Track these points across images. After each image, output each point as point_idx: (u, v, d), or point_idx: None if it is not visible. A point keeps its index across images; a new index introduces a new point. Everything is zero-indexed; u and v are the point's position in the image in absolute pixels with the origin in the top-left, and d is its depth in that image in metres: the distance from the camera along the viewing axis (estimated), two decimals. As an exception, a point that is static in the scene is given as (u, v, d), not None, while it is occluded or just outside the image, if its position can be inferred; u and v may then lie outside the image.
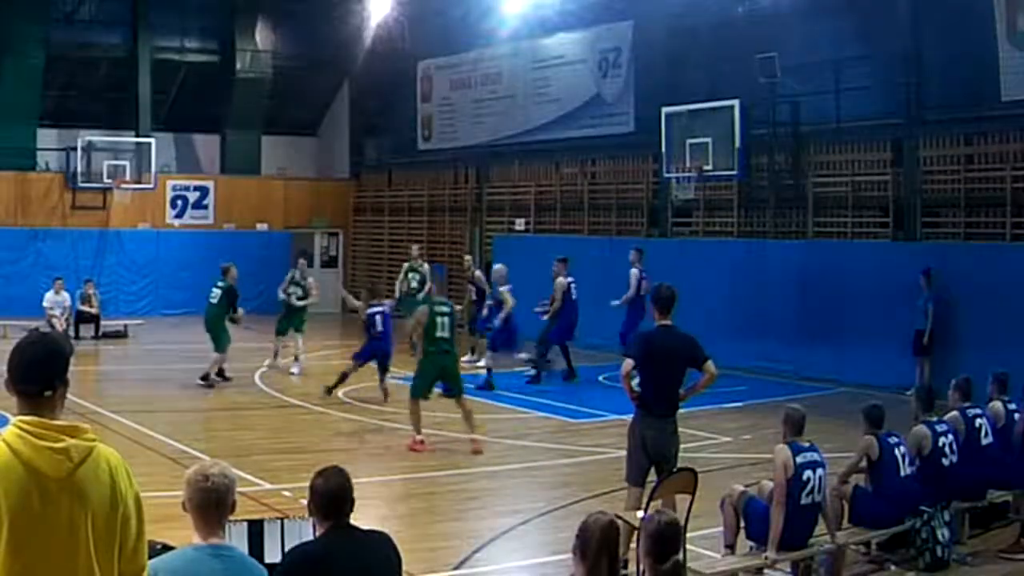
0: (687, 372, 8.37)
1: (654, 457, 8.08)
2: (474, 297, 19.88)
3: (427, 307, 12.89)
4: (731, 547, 7.74)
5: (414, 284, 20.25)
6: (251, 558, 4.23)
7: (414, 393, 12.59)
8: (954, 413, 9.01)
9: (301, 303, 18.38)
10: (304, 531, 5.82)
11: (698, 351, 8.18)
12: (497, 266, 18.79)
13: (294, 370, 18.27)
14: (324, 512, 4.57)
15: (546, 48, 24.40)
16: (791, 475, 7.17)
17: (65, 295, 23.04)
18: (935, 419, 8.73)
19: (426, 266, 20.87)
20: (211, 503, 3.90)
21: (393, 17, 26.76)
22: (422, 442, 12.41)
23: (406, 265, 20.97)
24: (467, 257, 22.28)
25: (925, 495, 8.20)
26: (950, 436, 8.66)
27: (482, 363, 17.75)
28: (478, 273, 20.19)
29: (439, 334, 12.52)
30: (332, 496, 4.56)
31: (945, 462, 8.54)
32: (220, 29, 29.42)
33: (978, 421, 9.03)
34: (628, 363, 8.19)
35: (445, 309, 12.71)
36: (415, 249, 21.52)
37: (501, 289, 17.72)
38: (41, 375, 3.18)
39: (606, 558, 4.32)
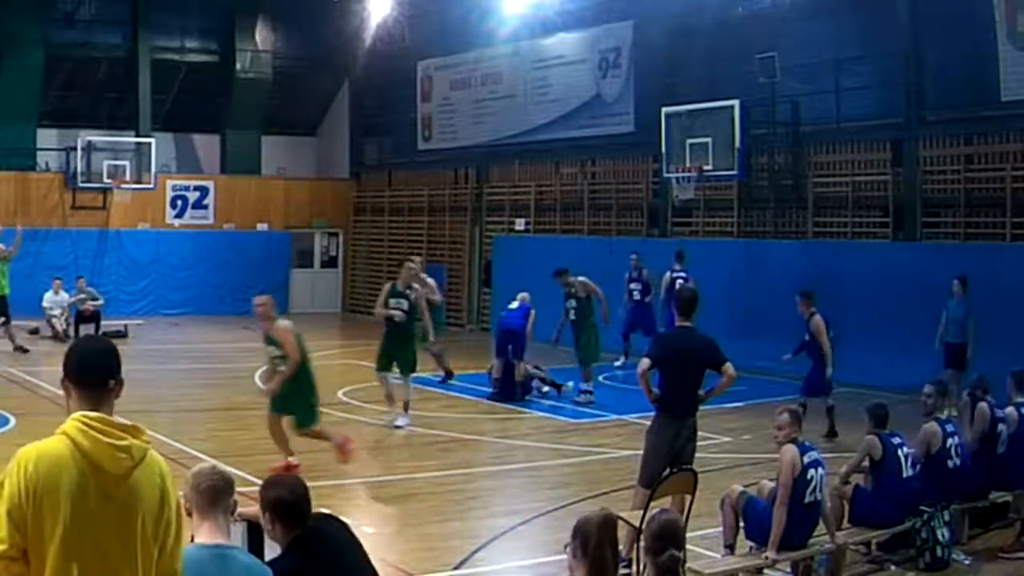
0: (706, 374, 8.33)
1: (671, 458, 8.01)
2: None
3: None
4: (731, 547, 7.73)
5: None
6: (253, 557, 4.23)
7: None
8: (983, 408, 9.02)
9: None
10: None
11: (717, 353, 8.13)
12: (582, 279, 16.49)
13: None
14: (292, 522, 4.52)
15: (546, 48, 24.39)
16: (798, 474, 7.16)
17: (64, 295, 23.09)
18: (945, 416, 8.72)
19: None
20: (208, 503, 3.90)
21: (393, 17, 26.77)
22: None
23: None
24: (634, 256, 19.21)
25: (927, 495, 8.19)
26: (957, 438, 8.65)
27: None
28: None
29: None
30: (297, 504, 4.53)
31: (950, 464, 8.52)
32: (220, 29, 29.41)
33: (999, 427, 9.02)
34: (644, 362, 8.12)
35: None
36: None
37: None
38: (105, 365, 3.27)
39: (609, 549, 4.30)
